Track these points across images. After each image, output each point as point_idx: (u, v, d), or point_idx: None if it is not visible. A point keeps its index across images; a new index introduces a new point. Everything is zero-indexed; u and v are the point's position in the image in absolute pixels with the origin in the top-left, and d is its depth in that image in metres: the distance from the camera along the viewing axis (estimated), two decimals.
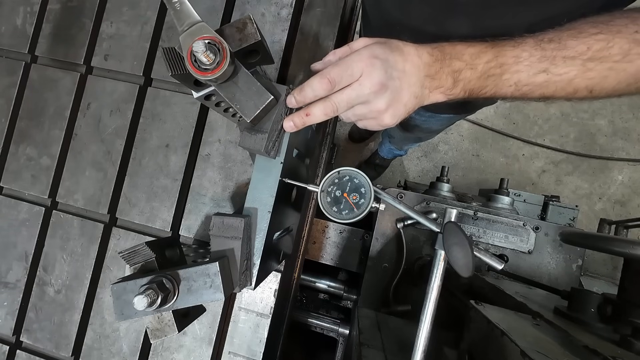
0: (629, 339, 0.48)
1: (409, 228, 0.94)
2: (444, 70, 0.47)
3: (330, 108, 0.45)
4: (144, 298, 0.39)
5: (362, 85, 0.44)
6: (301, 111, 0.47)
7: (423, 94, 0.48)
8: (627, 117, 2.03)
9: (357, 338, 0.67)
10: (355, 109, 0.47)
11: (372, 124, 0.49)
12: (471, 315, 0.57)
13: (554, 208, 1.14)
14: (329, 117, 0.47)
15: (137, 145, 0.78)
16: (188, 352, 0.73)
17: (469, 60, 0.47)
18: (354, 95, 0.45)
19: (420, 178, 2.06)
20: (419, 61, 0.46)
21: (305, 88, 0.45)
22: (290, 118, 0.48)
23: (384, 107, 0.46)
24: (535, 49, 0.46)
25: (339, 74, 0.44)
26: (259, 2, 0.77)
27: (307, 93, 0.45)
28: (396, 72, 0.45)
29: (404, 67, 0.45)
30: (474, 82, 0.48)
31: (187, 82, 0.48)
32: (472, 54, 0.47)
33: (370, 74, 0.44)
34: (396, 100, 0.46)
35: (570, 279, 0.90)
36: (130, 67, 0.79)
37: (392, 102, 0.46)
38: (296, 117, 0.47)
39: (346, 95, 0.45)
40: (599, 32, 0.44)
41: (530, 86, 0.47)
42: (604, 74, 0.45)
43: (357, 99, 0.45)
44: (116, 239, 0.77)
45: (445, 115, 1.01)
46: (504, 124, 2.06)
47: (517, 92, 0.48)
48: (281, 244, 0.63)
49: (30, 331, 0.77)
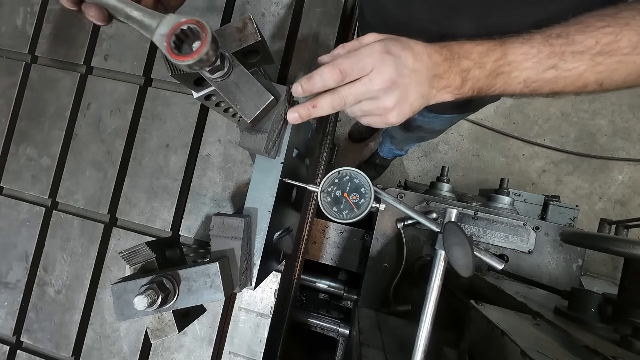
0: (629, 339, 0.48)
1: (409, 228, 0.94)
2: (452, 69, 0.46)
3: (338, 101, 0.44)
4: (144, 298, 0.39)
5: (372, 81, 0.43)
6: (307, 102, 0.46)
7: (430, 94, 0.47)
8: (627, 117, 2.03)
9: (357, 338, 0.67)
10: (362, 104, 0.46)
11: (376, 121, 0.48)
12: (471, 315, 0.57)
13: (554, 208, 1.14)
14: (336, 111, 0.46)
15: (137, 146, 0.78)
16: (188, 352, 0.73)
17: (477, 59, 0.46)
18: (363, 90, 0.44)
19: (420, 178, 2.06)
20: (428, 60, 0.45)
21: (315, 77, 0.44)
22: (295, 109, 0.46)
23: (392, 105, 0.45)
24: (543, 45, 0.45)
25: (350, 65, 0.43)
26: (259, 2, 0.77)
27: (316, 82, 0.44)
28: (407, 70, 0.44)
29: (414, 66, 0.44)
30: (483, 80, 0.47)
31: (187, 82, 0.48)
32: (480, 53, 0.46)
33: (382, 69, 0.43)
34: (404, 98, 0.45)
35: (570, 279, 0.90)
36: (130, 67, 0.79)
37: (400, 101, 0.45)
38: (302, 109, 0.46)
39: (355, 89, 0.44)
40: (606, 25, 0.44)
41: (539, 82, 0.47)
42: (614, 67, 0.45)
43: (366, 94, 0.44)
44: (116, 239, 0.77)
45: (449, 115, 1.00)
46: (504, 123, 2.06)
47: (526, 89, 0.48)
48: (281, 244, 0.63)
49: (30, 331, 0.77)
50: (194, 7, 0.78)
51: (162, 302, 0.42)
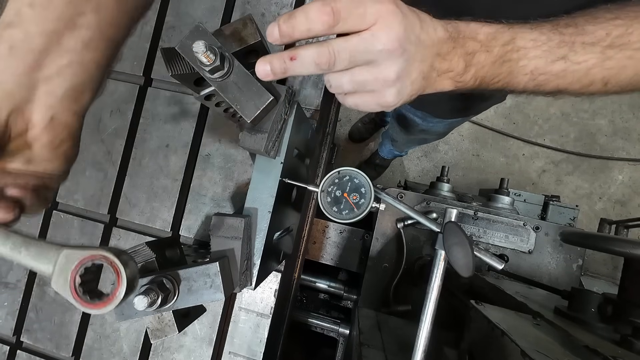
0: (629, 339, 0.48)
1: (409, 228, 0.94)
2: (456, 50, 0.39)
3: (326, 56, 0.34)
4: (144, 298, 0.39)
5: (374, 37, 0.33)
6: (284, 52, 0.35)
7: (430, 77, 0.39)
8: (627, 117, 2.03)
9: (358, 338, 0.67)
10: (355, 71, 0.36)
11: (367, 100, 0.38)
12: (471, 315, 0.57)
13: (554, 208, 1.14)
14: (320, 71, 0.35)
15: (137, 146, 0.78)
16: (188, 352, 0.73)
17: (484, 41, 0.40)
18: (362, 47, 0.34)
19: (420, 178, 2.06)
20: (434, 34, 0.38)
21: (297, 15, 0.33)
22: (266, 59, 0.36)
23: (393, 77, 0.36)
24: (553, 33, 0.41)
25: (347, 7, 0.32)
26: (259, 2, 0.77)
27: (299, 23, 0.33)
28: (413, 35, 0.35)
29: (420, 35, 0.36)
30: (487, 68, 0.41)
31: (187, 82, 0.48)
32: (488, 34, 0.40)
33: (389, 25, 0.33)
34: (407, 72, 0.36)
35: (570, 279, 0.90)
36: (130, 67, 0.79)
37: (402, 74, 0.36)
38: (276, 60, 0.35)
39: (352, 44, 0.34)
40: (615, 17, 0.41)
41: (546, 75, 0.42)
42: (623, 64, 0.42)
43: (365, 54, 0.34)
44: (116, 239, 0.77)
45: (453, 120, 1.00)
46: (504, 123, 2.06)
47: (531, 82, 0.43)
48: (281, 244, 0.63)
49: (30, 331, 0.77)
50: (194, 7, 0.78)
51: (162, 302, 0.42)
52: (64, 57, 0.32)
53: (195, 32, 0.42)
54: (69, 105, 0.34)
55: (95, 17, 0.33)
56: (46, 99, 0.32)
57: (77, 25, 0.32)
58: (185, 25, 0.78)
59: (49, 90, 0.32)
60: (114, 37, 0.36)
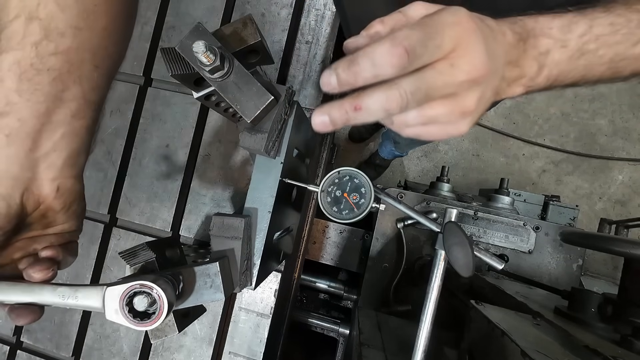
0: (629, 339, 0.48)
1: (409, 228, 0.94)
2: (528, 53, 0.34)
3: (397, 101, 0.27)
4: (145, 298, 0.39)
5: (455, 68, 0.28)
6: (346, 101, 0.28)
7: (500, 89, 0.34)
8: (627, 117, 2.02)
9: (358, 338, 0.67)
10: (425, 107, 0.29)
11: (434, 132, 0.32)
12: (471, 315, 0.57)
13: (554, 208, 1.14)
14: (389, 116, 0.29)
15: (137, 146, 0.78)
16: (188, 352, 0.73)
17: (559, 36, 0.34)
18: (441, 83, 0.28)
19: (420, 178, 2.06)
20: (503, 40, 0.32)
21: (361, 61, 0.27)
22: (324, 111, 0.29)
23: (473, 107, 0.30)
24: (630, 12, 0.35)
25: (422, 42, 0.26)
26: (259, 2, 0.77)
27: (363, 70, 0.27)
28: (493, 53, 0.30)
29: (496, 49, 0.31)
30: (563, 65, 0.35)
31: (187, 82, 0.48)
32: (561, 27, 0.34)
33: (471, 50, 0.28)
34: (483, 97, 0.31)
35: (570, 279, 0.90)
36: (130, 67, 0.79)
37: (480, 100, 0.30)
38: (336, 111, 0.28)
39: (427, 82, 0.27)
40: None
41: (627, 60, 0.36)
42: None
43: (443, 89, 0.28)
44: (116, 239, 0.77)
45: None
46: (504, 123, 2.06)
47: (608, 71, 0.37)
48: (281, 244, 0.63)
49: (30, 331, 0.77)
50: (194, 7, 0.78)
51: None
52: (57, 132, 0.35)
53: (195, 32, 0.42)
54: (69, 172, 0.37)
55: (79, 89, 0.35)
56: (48, 173, 0.35)
57: (63, 100, 0.34)
58: (185, 25, 0.78)
59: (49, 164, 0.35)
60: (98, 100, 0.38)
